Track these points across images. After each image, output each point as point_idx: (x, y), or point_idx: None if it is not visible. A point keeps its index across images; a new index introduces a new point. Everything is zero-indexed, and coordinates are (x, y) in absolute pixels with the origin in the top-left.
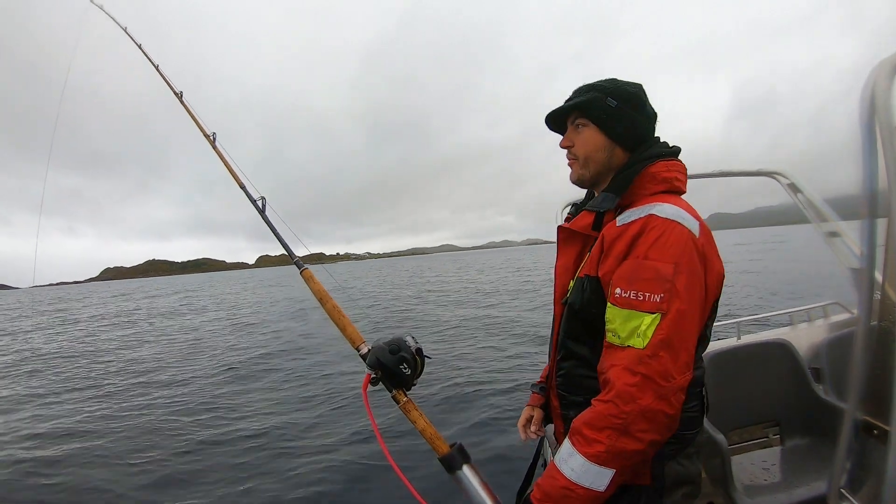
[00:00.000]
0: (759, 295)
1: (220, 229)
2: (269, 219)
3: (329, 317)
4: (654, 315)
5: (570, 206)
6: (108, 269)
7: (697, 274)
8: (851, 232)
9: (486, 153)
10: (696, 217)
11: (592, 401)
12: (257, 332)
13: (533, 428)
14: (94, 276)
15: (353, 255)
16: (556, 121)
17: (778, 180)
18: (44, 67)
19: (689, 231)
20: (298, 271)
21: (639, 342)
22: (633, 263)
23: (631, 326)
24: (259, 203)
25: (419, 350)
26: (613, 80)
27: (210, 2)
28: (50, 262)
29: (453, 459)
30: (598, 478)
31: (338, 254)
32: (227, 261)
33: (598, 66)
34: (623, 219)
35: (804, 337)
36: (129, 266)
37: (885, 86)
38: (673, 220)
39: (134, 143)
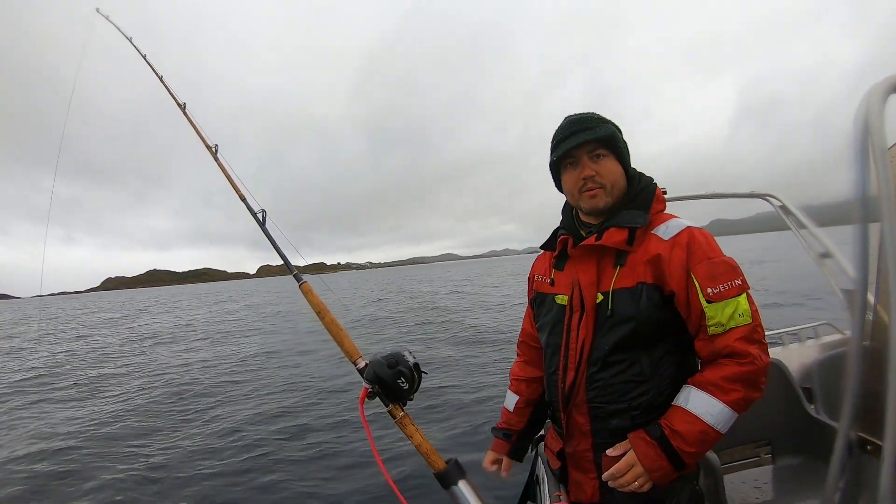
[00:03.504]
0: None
1: (220, 239)
2: (269, 231)
3: (327, 330)
4: (743, 295)
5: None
6: (110, 279)
7: None
8: (843, 254)
9: (489, 160)
10: None
11: (720, 362)
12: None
13: (503, 474)
14: (95, 285)
15: (354, 264)
16: (562, 154)
17: (770, 202)
18: (40, 73)
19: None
20: (297, 284)
21: (745, 320)
22: (707, 266)
23: (729, 312)
24: (260, 216)
25: (416, 365)
26: (601, 115)
27: (208, 4)
28: (49, 272)
29: (449, 475)
30: (728, 421)
31: (338, 263)
32: (229, 271)
33: (604, 67)
34: (665, 233)
35: (795, 357)
36: (130, 276)
37: (878, 109)
38: (702, 229)
39: (133, 153)
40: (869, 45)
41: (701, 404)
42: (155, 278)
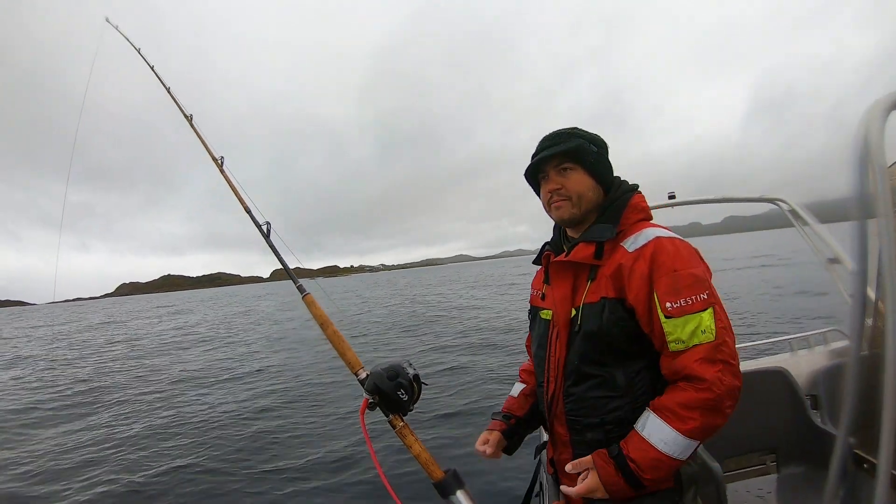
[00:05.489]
0: (767, 317)
1: (233, 243)
2: (274, 243)
3: (329, 341)
4: (707, 311)
5: (546, 245)
6: (124, 284)
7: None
8: (852, 259)
9: (501, 161)
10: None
11: (679, 385)
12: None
13: (489, 451)
14: (109, 291)
15: (368, 266)
16: (531, 169)
17: (779, 206)
18: (50, 78)
19: (688, 243)
20: (301, 296)
21: (707, 337)
22: (670, 279)
23: (691, 328)
24: (264, 227)
25: (416, 376)
26: (580, 129)
27: (214, 6)
28: (63, 279)
29: (447, 485)
30: (686, 450)
31: (352, 266)
32: (242, 275)
33: (616, 65)
34: (631, 245)
35: (804, 364)
36: (144, 281)
37: (878, 127)
38: (675, 237)
39: (143, 156)
40: (884, 35)
41: (656, 431)
42: (170, 283)
